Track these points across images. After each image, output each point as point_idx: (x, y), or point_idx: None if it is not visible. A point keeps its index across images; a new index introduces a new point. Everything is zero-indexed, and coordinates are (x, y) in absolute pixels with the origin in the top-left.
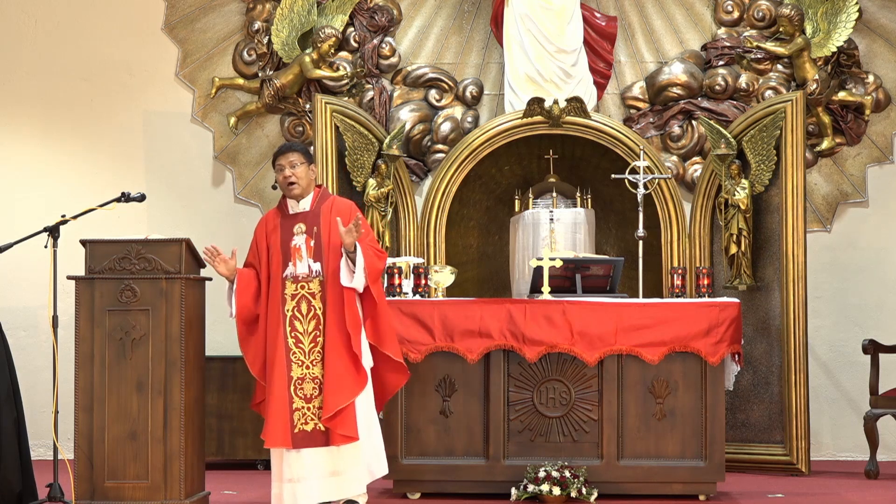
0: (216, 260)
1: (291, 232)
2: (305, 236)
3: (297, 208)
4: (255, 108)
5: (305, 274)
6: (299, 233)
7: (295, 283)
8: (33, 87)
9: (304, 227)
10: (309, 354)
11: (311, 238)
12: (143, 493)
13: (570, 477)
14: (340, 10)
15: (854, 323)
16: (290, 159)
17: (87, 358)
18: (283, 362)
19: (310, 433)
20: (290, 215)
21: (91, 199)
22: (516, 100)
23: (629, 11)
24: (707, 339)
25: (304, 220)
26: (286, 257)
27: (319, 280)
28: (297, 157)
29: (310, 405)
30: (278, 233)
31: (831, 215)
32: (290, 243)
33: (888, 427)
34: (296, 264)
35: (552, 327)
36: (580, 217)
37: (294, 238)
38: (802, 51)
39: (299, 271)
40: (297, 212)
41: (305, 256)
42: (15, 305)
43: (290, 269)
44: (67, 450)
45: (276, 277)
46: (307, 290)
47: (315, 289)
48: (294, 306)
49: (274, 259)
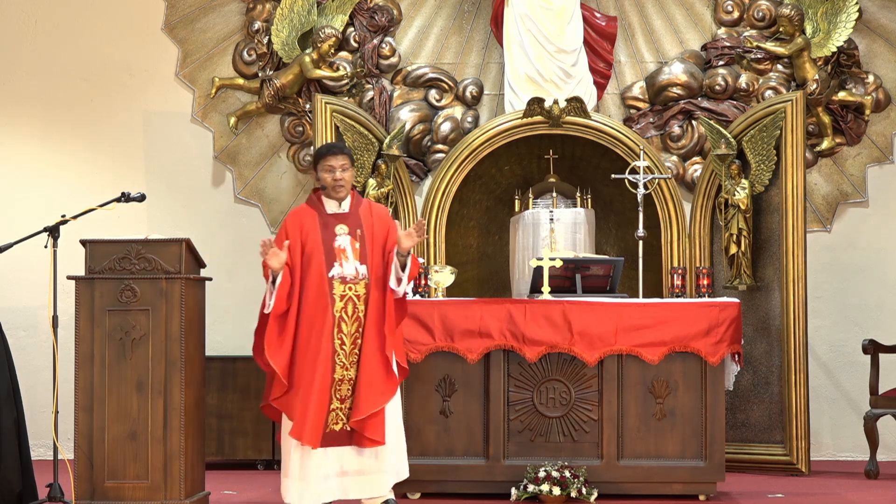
0: (269, 252)
1: (334, 232)
2: (350, 238)
3: (337, 209)
4: (255, 108)
5: (353, 276)
6: (342, 234)
7: (343, 284)
8: (33, 87)
9: (347, 228)
10: (349, 356)
11: (355, 240)
12: (143, 493)
13: (570, 477)
14: (340, 10)
15: (854, 323)
16: (342, 162)
17: (87, 358)
18: (329, 364)
19: (337, 432)
20: (329, 215)
21: (91, 199)
22: (516, 100)
23: (629, 11)
24: (707, 339)
25: (345, 222)
26: (330, 257)
27: (365, 283)
28: (346, 161)
29: (343, 406)
30: (318, 231)
31: (831, 215)
32: (334, 243)
33: (888, 427)
34: (342, 265)
35: (552, 327)
36: (580, 217)
37: (337, 238)
38: (802, 51)
39: (346, 272)
40: (336, 212)
41: (352, 258)
42: (15, 305)
43: (338, 269)
44: (67, 450)
45: (319, 277)
46: (354, 291)
47: (360, 291)
48: (342, 307)
49: (315, 258)
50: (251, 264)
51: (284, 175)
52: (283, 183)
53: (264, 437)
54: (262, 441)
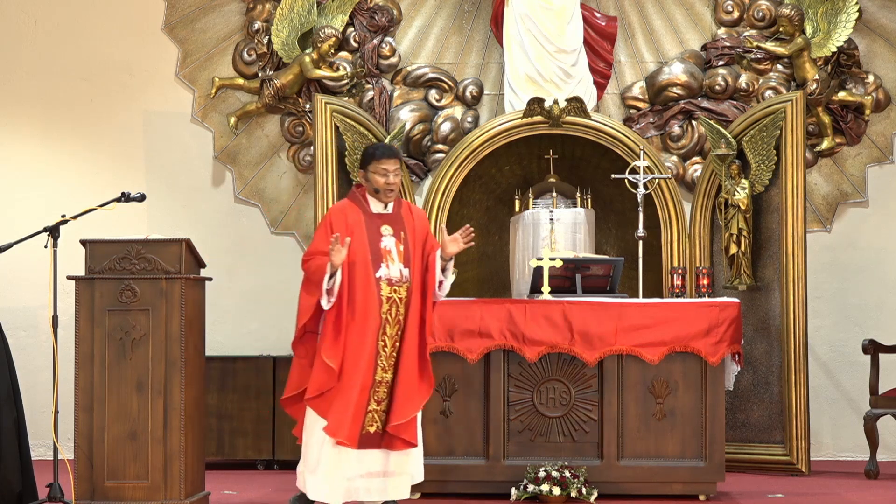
0: (335, 249)
1: (379, 232)
2: (394, 239)
3: (381, 209)
4: (255, 108)
5: (398, 278)
6: (387, 234)
7: (389, 285)
8: (33, 87)
9: (391, 229)
10: (389, 359)
11: (399, 242)
12: (143, 493)
13: (570, 477)
14: (340, 10)
15: (854, 323)
16: (396, 166)
17: (87, 358)
18: (371, 365)
19: (371, 435)
20: (373, 214)
21: (91, 199)
22: (516, 100)
23: (629, 11)
24: (707, 339)
25: (389, 223)
26: (377, 258)
27: (407, 286)
28: (399, 165)
29: (379, 408)
30: (363, 231)
31: (831, 215)
32: (380, 244)
33: (888, 427)
34: (388, 266)
35: (552, 327)
36: (580, 217)
37: (383, 240)
38: (802, 51)
39: (392, 274)
40: (379, 212)
41: (397, 260)
42: (15, 305)
43: (384, 270)
44: (67, 450)
45: (366, 277)
46: (398, 294)
47: (403, 294)
48: (388, 309)
49: (360, 257)
50: (251, 264)
51: (284, 175)
52: (283, 183)
53: (264, 437)
54: (262, 441)
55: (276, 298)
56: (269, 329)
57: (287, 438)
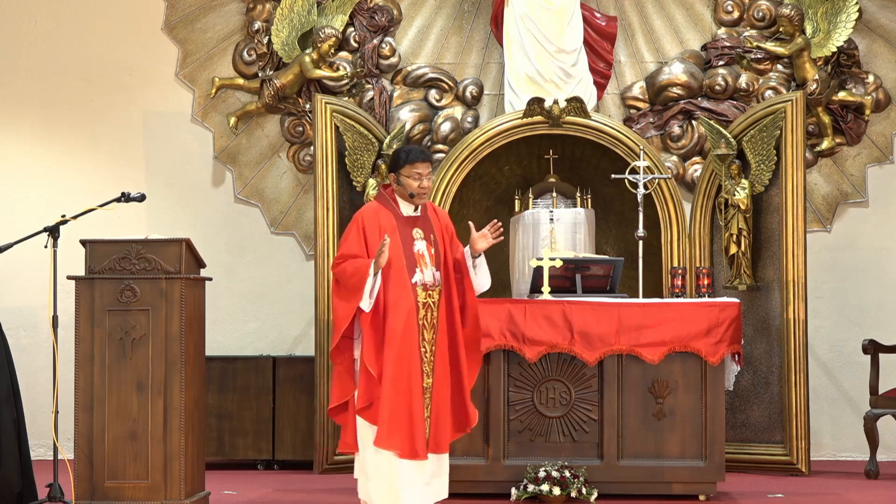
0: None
1: (411, 236)
2: (425, 243)
3: (410, 211)
4: (255, 108)
5: (432, 283)
6: (418, 238)
7: (424, 290)
8: (33, 87)
9: (422, 232)
10: (429, 364)
11: (430, 245)
12: (143, 493)
13: (570, 477)
14: (340, 10)
15: (854, 323)
16: (429, 170)
17: (87, 358)
18: (419, 371)
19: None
20: (404, 217)
21: (91, 199)
22: (516, 100)
23: (629, 11)
24: (707, 339)
25: (419, 226)
26: (411, 262)
27: (439, 290)
28: (431, 168)
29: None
30: (396, 234)
31: (831, 215)
32: (413, 248)
33: (888, 427)
34: (422, 271)
35: (552, 327)
36: (580, 217)
37: (415, 243)
38: (802, 51)
39: (426, 279)
40: (410, 215)
41: (430, 264)
42: (15, 305)
43: (419, 275)
44: (67, 450)
45: (402, 282)
46: (432, 299)
47: (437, 298)
48: (424, 315)
49: (396, 262)
50: (251, 264)
51: (284, 175)
52: (283, 183)
53: (264, 437)
54: (262, 441)
55: (276, 298)
56: (268, 329)
57: (287, 438)
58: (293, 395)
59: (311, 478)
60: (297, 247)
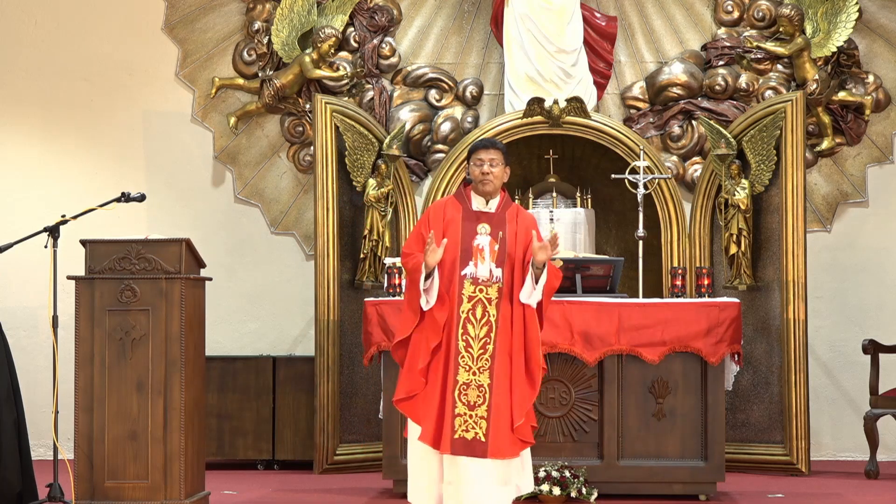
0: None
1: (475, 230)
2: (490, 238)
3: (483, 207)
4: (255, 108)
5: (486, 277)
6: (483, 233)
7: (474, 284)
8: (33, 87)
9: (490, 228)
10: (477, 360)
11: (495, 241)
12: (143, 493)
13: (570, 477)
14: (340, 10)
15: (854, 323)
16: (492, 156)
17: (87, 358)
18: (452, 365)
19: (469, 442)
20: (473, 211)
21: (91, 199)
22: (516, 100)
23: (629, 11)
24: (707, 339)
25: (488, 221)
26: (466, 255)
27: (498, 287)
28: (498, 156)
29: (472, 413)
30: (458, 227)
31: (831, 215)
32: (473, 241)
33: (888, 427)
34: (477, 265)
35: (552, 327)
36: (580, 217)
37: (477, 237)
38: (802, 51)
39: (480, 273)
40: (481, 210)
41: (488, 259)
42: (15, 305)
43: (471, 268)
44: (67, 450)
45: (451, 273)
46: (485, 294)
47: (493, 295)
48: (469, 308)
49: (450, 253)
50: (251, 264)
51: (284, 175)
52: (283, 183)
53: (264, 437)
54: (262, 441)
55: (276, 298)
56: (269, 329)
57: (287, 438)
58: (293, 395)
59: (311, 478)
60: (297, 247)
